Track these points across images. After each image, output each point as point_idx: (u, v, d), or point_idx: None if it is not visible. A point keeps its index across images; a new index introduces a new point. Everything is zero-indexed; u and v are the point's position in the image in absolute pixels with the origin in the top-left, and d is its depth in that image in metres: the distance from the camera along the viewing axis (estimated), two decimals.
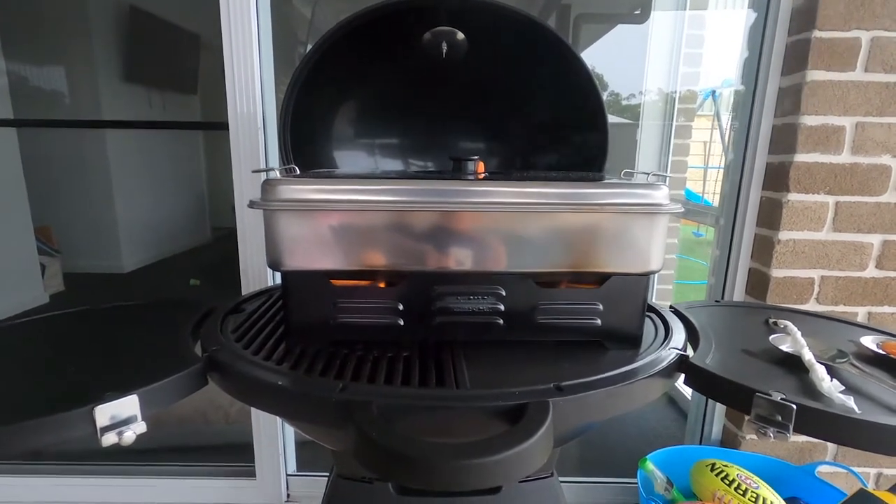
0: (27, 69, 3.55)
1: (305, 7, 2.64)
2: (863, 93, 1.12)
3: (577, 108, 0.88)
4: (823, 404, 0.50)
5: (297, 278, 0.61)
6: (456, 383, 0.54)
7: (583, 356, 0.62)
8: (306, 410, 0.53)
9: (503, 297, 0.62)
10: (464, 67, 0.90)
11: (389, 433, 0.43)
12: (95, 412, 0.46)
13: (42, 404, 0.49)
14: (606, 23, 2.43)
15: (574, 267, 0.60)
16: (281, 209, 0.57)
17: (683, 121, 2.38)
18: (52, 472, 1.43)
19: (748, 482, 1.11)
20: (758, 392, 0.50)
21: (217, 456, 1.52)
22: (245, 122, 1.20)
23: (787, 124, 1.18)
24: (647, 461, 1.21)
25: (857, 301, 1.24)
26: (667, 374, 0.58)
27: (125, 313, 0.79)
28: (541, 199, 0.58)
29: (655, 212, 0.58)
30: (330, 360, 0.59)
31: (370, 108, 0.97)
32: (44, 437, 0.45)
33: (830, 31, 1.09)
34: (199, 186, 5.05)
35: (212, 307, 0.77)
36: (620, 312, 0.63)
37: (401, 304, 0.61)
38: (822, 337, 0.68)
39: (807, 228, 1.19)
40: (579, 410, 0.52)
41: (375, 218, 0.58)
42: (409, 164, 1.01)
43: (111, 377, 0.56)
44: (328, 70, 0.84)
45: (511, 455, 0.41)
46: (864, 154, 1.15)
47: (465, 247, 0.59)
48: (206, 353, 0.59)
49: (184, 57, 4.39)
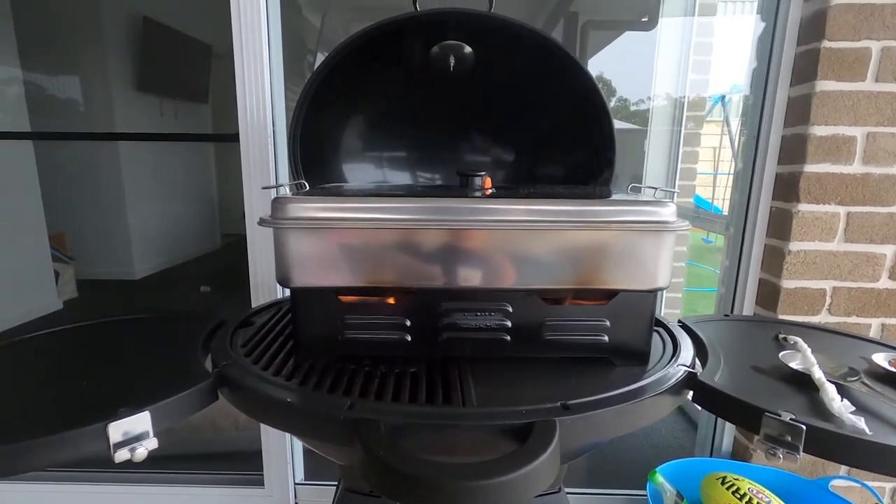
0: (43, 79, 3.62)
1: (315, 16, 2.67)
2: (874, 103, 1.11)
3: (584, 122, 0.89)
4: (834, 425, 0.49)
5: (306, 295, 0.61)
6: (463, 401, 0.54)
7: (590, 373, 0.61)
8: (314, 428, 0.54)
9: (510, 313, 0.62)
10: (471, 80, 0.90)
11: (397, 453, 0.44)
12: (109, 429, 0.47)
13: (54, 420, 0.50)
14: (614, 30, 2.43)
15: (581, 284, 0.61)
16: (290, 227, 0.58)
17: (692, 127, 2.37)
18: (59, 479, 1.44)
19: (760, 496, 1.10)
20: (767, 412, 0.50)
21: (225, 464, 1.53)
22: (255, 132, 1.21)
23: (796, 134, 1.17)
24: (657, 473, 1.20)
25: (871, 312, 1.22)
26: (675, 392, 0.58)
27: (136, 326, 0.80)
28: (548, 217, 0.58)
29: (662, 230, 0.58)
30: (338, 376, 0.60)
31: (379, 122, 0.98)
32: (57, 455, 0.46)
33: (840, 41, 1.09)
34: (209, 193, 5.10)
35: (221, 320, 0.77)
36: (628, 329, 0.63)
37: (408, 320, 0.62)
38: (833, 353, 0.68)
39: (818, 239, 1.18)
40: (586, 429, 0.52)
41: (384, 235, 0.59)
42: (416, 177, 1.02)
43: (123, 393, 0.57)
44: (337, 84, 0.85)
45: (519, 476, 0.41)
46: (875, 164, 1.14)
47: (472, 264, 0.60)
48: (216, 369, 0.60)
49: (195, 67, 4.45)
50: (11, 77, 2.94)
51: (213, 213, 5.14)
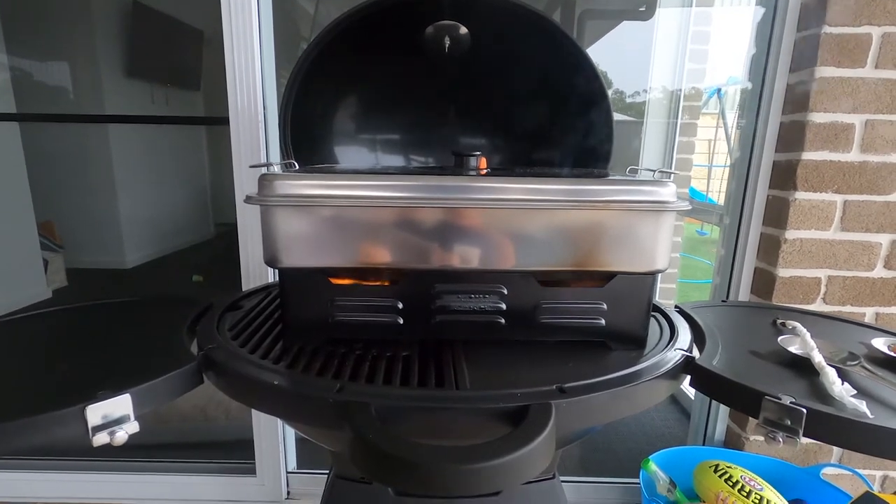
0: (30, 64, 3.54)
1: (309, 3, 2.63)
2: (873, 90, 1.10)
3: (581, 105, 0.87)
4: (835, 408, 0.48)
5: (294, 276, 0.60)
6: (456, 384, 0.53)
7: (586, 357, 0.60)
8: (302, 411, 0.52)
9: (505, 295, 0.60)
10: (466, 62, 0.88)
11: (387, 436, 0.42)
12: (87, 411, 0.45)
13: (32, 403, 0.48)
14: (611, 19, 2.40)
15: (578, 265, 0.59)
16: (278, 204, 0.56)
17: (688, 118, 2.36)
18: (47, 468, 1.42)
19: (752, 484, 1.10)
20: (767, 395, 0.49)
21: (217, 453, 1.51)
22: (245, 116, 1.19)
23: (795, 122, 1.16)
24: (650, 461, 1.20)
25: (865, 301, 1.22)
26: (672, 376, 0.57)
27: (121, 310, 0.78)
28: (545, 196, 0.56)
29: (662, 209, 0.56)
30: (328, 359, 0.58)
31: (371, 104, 0.96)
32: (33, 438, 0.44)
33: (841, 26, 1.07)
34: (201, 182, 5.04)
35: (209, 304, 0.75)
36: (625, 312, 0.61)
37: (400, 303, 0.60)
38: (832, 338, 0.67)
39: (814, 227, 1.18)
40: (582, 413, 0.50)
41: (374, 214, 0.57)
42: (410, 160, 1.00)
43: (104, 375, 0.55)
44: (329, 65, 0.83)
45: (512, 459, 0.40)
46: (873, 152, 1.13)
47: (466, 244, 0.58)
48: (201, 352, 0.58)
49: (187, 53, 4.37)
50: None
51: (205, 201, 5.09)
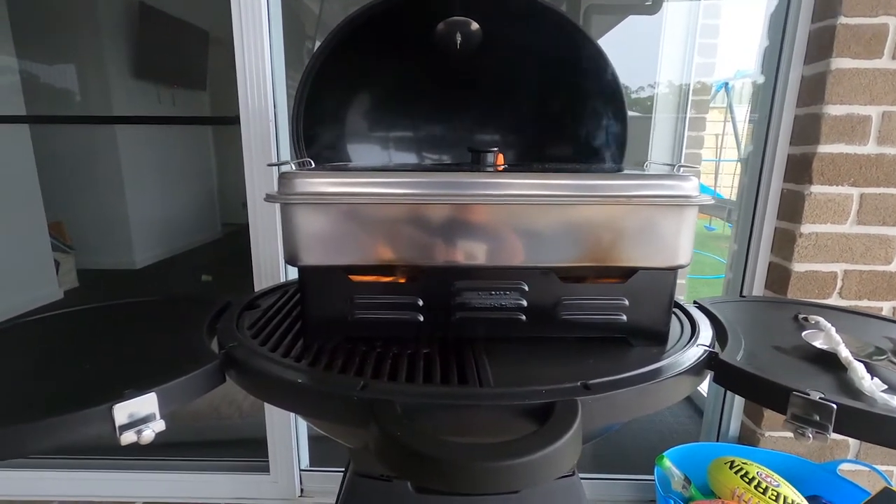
0: (38, 67, 3.56)
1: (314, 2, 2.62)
2: (890, 81, 1.08)
3: (595, 99, 0.86)
4: (866, 404, 0.48)
5: (314, 273, 0.59)
6: (479, 381, 0.53)
7: (608, 353, 0.60)
8: (326, 409, 0.52)
9: (525, 292, 0.60)
10: (479, 58, 0.88)
11: (414, 433, 0.42)
12: (114, 410, 0.45)
13: (60, 402, 0.48)
14: (618, 13, 2.39)
15: (599, 261, 0.59)
16: (299, 202, 0.56)
17: (696, 113, 2.34)
18: (63, 467, 1.43)
19: (768, 480, 1.09)
20: (795, 391, 0.48)
21: (230, 451, 1.52)
22: (257, 115, 1.19)
23: (810, 114, 1.14)
24: (665, 458, 1.19)
25: (882, 296, 1.21)
26: (696, 373, 0.56)
27: (140, 309, 0.78)
28: (566, 192, 0.56)
29: (686, 203, 0.56)
30: (349, 357, 0.58)
31: (384, 101, 0.96)
32: (62, 436, 0.44)
33: (857, 17, 1.06)
34: (209, 183, 5.06)
35: (227, 303, 0.76)
36: (647, 308, 0.61)
37: (420, 300, 0.60)
38: (856, 333, 0.66)
39: (830, 221, 1.16)
40: (607, 410, 0.50)
41: (394, 211, 0.56)
42: (423, 158, 0.99)
43: (128, 375, 0.55)
44: (341, 62, 0.82)
45: (542, 456, 0.39)
46: (890, 144, 1.12)
47: (486, 241, 0.58)
48: (223, 350, 0.58)
49: (193, 53, 4.38)
50: (6, 66, 2.89)
51: (213, 202, 5.11)
